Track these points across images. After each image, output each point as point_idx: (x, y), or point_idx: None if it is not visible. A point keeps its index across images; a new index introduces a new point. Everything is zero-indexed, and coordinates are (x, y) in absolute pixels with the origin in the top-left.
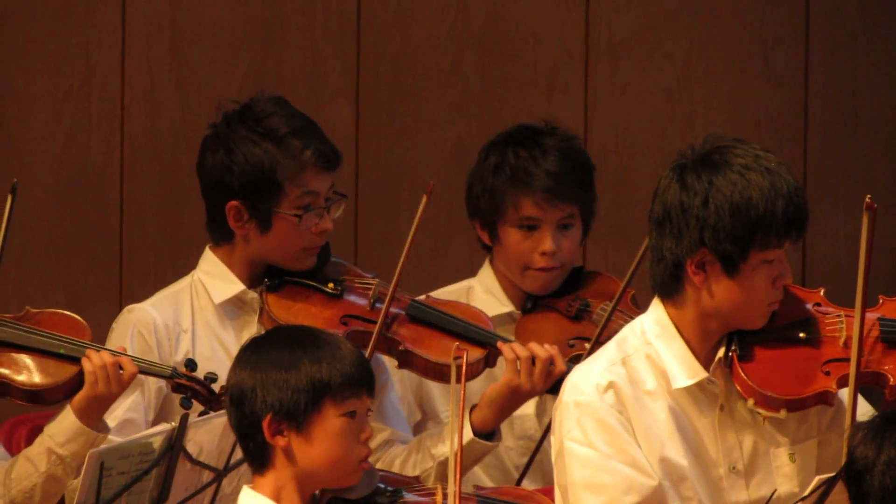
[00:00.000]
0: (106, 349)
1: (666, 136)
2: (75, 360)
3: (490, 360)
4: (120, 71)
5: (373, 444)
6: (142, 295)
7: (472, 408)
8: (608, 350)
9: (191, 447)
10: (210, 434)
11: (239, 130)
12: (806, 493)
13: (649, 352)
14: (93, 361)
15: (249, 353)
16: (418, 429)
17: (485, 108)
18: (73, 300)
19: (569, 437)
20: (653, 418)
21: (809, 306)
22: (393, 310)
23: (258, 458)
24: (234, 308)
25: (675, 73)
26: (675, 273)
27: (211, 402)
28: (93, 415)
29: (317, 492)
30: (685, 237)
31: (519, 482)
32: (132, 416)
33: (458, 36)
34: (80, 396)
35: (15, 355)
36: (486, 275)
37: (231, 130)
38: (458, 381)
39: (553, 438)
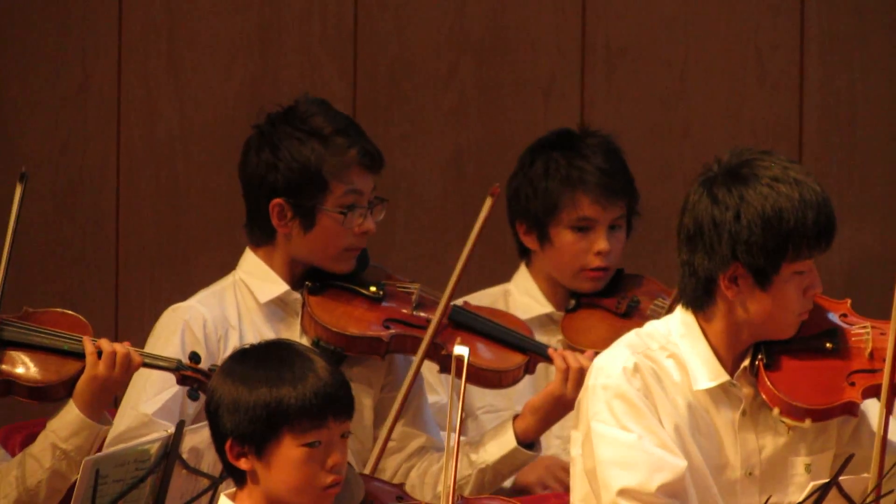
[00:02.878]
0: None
1: (662, 142)
2: (79, 356)
3: (530, 367)
4: (116, 78)
5: (407, 451)
6: (138, 302)
7: (515, 417)
8: (631, 338)
9: (187, 454)
10: (207, 440)
11: (284, 129)
12: (801, 500)
13: (674, 350)
14: (94, 344)
15: (224, 365)
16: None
17: (482, 114)
18: (69, 307)
19: (596, 418)
20: (675, 409)
21: (836, 317)
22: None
23: (233, 474)
24: (278, 309)
25: (672, 79)
26: (708, 287)
27: None
28: (95, 405)
29: None
30: (718, 253)
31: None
32: (171, 406)
33: (455, 42)
34: (80, 383)
35: (18, 354)
36: (524, 278)
37: (276, 129)
38: (458, 376)
39: (577, 431)
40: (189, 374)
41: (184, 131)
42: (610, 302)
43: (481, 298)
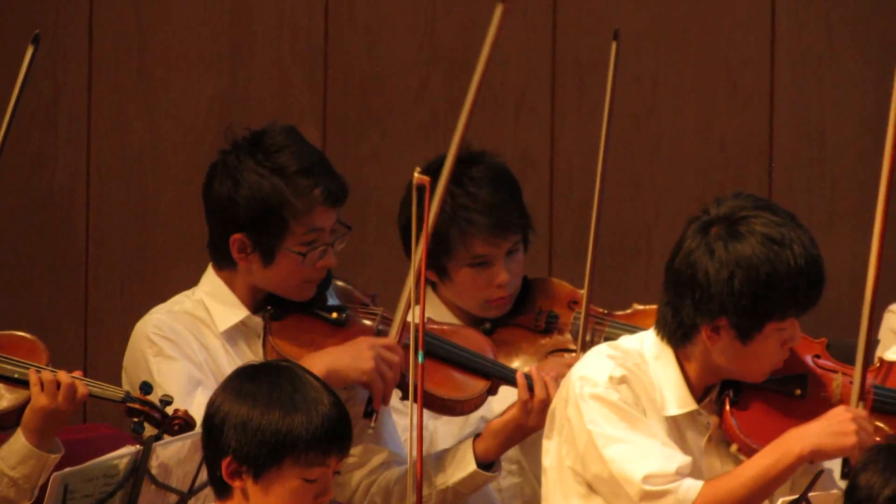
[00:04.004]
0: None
1: (633, 158)
2: (27, 385)
3: (493, 390)
4: (87, 92)
5: (369, 466)
6: (108, 316)
7: (476, 437)
8: (611, 351)
9: (155, 470)
10: (175, 456)
11: (247, 162)
12: None
13: (647, 369)
14: (38, 375)
15: (233, 381)
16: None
17: (452, 130)
18: (38, 322)
19: (594, 423)
20: (658, 416)
21: (809, 359)
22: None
23: (219, 488)
24: (239, 333)
25: (642, 95)
26: (688, 332)
27: (164, 426)
28: (42, 434)
29: None
30: (706, 305)
31: None
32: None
33: (425, 58)
34: (26, 412)
35: None
36: (434, 304)
37: (240, 161)
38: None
39: (553, 440)
40: (137, 406)
41: (154, 146)
42: (526, 320)
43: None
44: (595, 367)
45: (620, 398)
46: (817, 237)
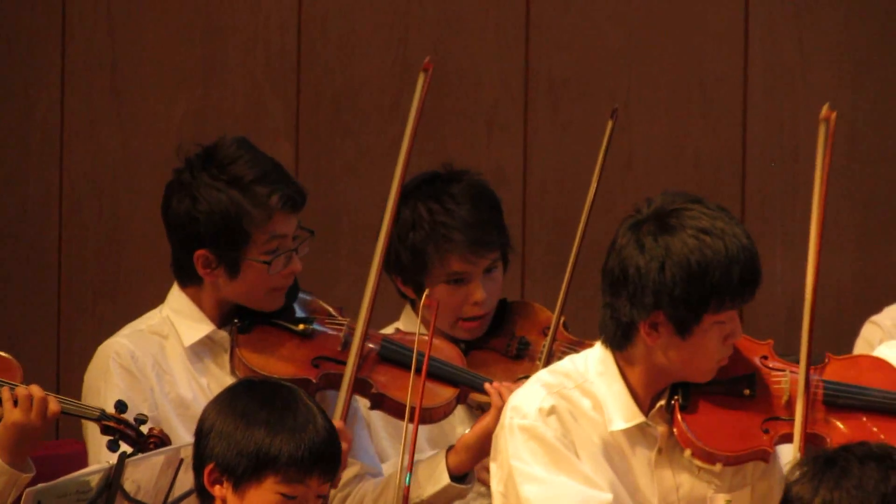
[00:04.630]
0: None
1: (605, 173)
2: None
3: (462, 399)
4: (59, 108)
5: (343, 480)
6: (81, 333)
7: (448, 450)
8: (548, 377)
9: (128, 485)
10: (148, 472)
11: (203, 177)
12: None
13: (590, 388)
14: (11, 391)
15: (228, 393)
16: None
17: (424, 145)
18: (10, 338)
19: (516, 458)
20: (594, 446)
21: (757, 360)
22: (368, 345)
23: (202, 495)
24: (205, 348)
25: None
26: (627, 332)
27: (139, 444)
28: (14, 451)
29: None
30: (640, 301)
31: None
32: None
33: (398, 73)
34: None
35: None
36: (410, 322)
37: (194, 178)
38: None
39: (496, 464)
40: (112, 424)
41: (127, 162)
42: (499, 343)
43: None
44: (527, 396)
45: (548, 431)
46: (791, 252)
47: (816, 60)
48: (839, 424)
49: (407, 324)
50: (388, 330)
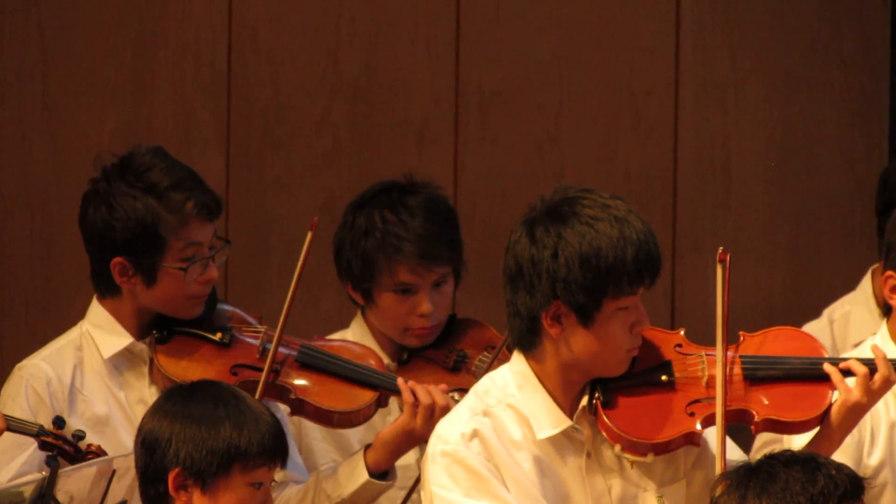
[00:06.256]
0: None
1: (536, 187)
2: None
3: (382, 401)
4: None
5: None
6: (14, 346)
7: (367, 448)
8: (470, 400)
9: (61, 496)
10: (81, 483)
11: (119, 186)
12: None
13: (512, 402)
14: None
15: (172, 403)
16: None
17: (355, 158)
18: None
19: (437, 484)
20: (519, 468)
21: (671, 348)
22: (284, 351)
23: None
24: (124, 361)
25: (546, 124)
26: (532, 327)
27: (78, 460)
28: None
29: None
30: (538, 291)
31: None
32: (27, 470)
33: (328, 87)
34: None
35: None
36: (360, 328)
37: (111, 186)
38: None
39: (423, 492)
40: (50, 440)
41: (58, 175)
42: (438, 355)
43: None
44: (450, 423)
45: (470, 456)
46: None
47: (747, 74)
48: (762, 397)
49: (357, 331)
50: (335, 336)
